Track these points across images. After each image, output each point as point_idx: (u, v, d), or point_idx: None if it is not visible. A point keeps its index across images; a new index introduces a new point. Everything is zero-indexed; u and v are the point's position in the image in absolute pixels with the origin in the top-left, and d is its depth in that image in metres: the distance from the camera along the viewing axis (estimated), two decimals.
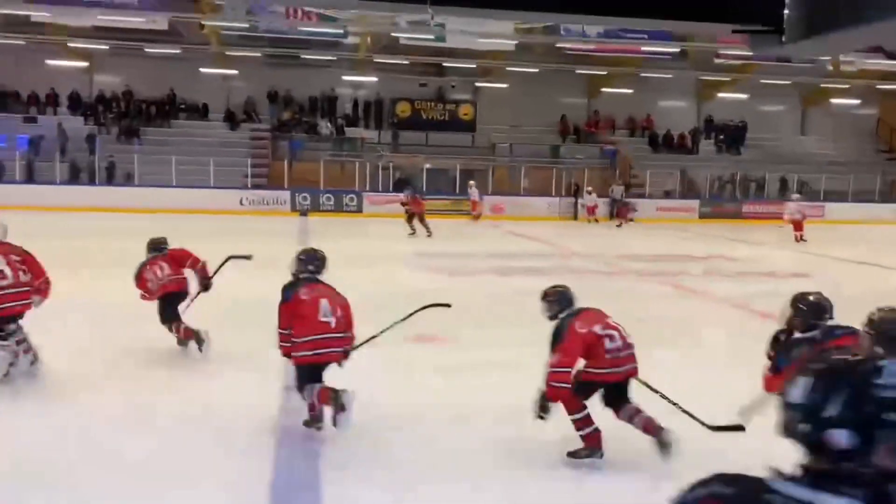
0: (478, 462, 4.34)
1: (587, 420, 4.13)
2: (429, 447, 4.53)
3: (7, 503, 3.77)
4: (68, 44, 25.36)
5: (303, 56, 26.84)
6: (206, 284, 6.46)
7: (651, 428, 4.08)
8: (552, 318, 4.24)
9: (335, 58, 27.13)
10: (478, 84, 29.71)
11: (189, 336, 6.20)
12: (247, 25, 23.66)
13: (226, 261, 6.83)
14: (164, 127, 27.47)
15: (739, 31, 17.65)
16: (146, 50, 25.64)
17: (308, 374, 4.49)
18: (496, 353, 6.53)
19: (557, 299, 4.28)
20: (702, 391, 4.76)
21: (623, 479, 4.11)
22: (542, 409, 4.15)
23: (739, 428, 3.86)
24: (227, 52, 26.54)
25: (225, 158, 25.09)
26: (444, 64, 28.73)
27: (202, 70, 27.12)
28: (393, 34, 24.71)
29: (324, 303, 4.50)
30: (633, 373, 4.19)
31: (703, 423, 4.01)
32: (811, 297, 3.77)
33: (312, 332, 4.44)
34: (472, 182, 24.69)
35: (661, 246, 17.53)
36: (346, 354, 4.60)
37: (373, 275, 10.64)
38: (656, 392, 4.16)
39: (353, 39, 25.32)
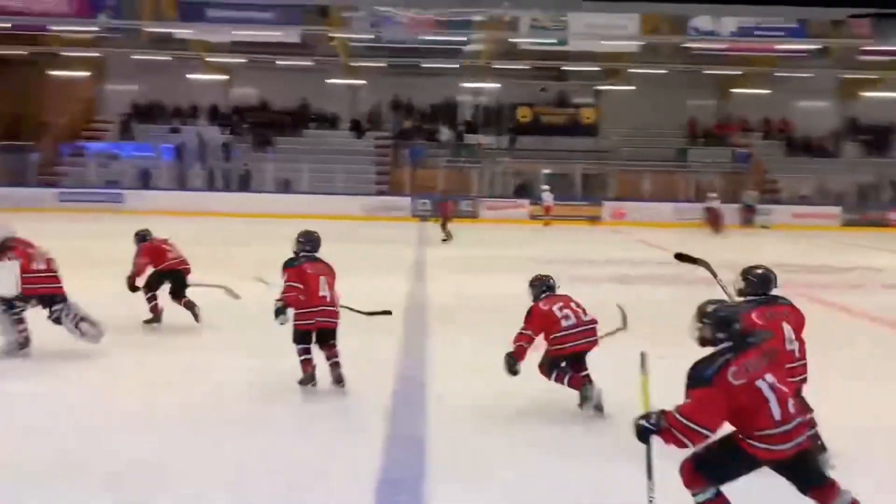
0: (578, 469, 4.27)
1: (562, 375, 5.06)
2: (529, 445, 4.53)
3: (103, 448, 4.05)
4: (208, 59, 27.14)
5: (423, 65, 27.39)
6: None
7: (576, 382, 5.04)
8: (535, 300, 5.22)
9: (456, 65, 27.50)
10: (600, 87, 29.22)
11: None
12: (372, 37, 24.43)
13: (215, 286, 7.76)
14: (296, 136, 28.84)
15: (856, 17, 16.41)
16: (279, 63, 27.01)
17: (301, 337, 5.50)
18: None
19: (538, 285, 5.29)
20: (847, 405, 4.45)
21: None
22: (510, 368, 5.00)
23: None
24: (354, 63, 27.52)
25: (351, 166, 26.04)
26: (565, 68, 28.47)
27: (331, 81, 28.24)
28: (512, 39, 24.74)
29: (322, 280, 5.49)
30: (587, 348, 5.09)
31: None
32: (759, 270, 4.38)
33: (311, 305, 5.42)
34: (545, 186, 24.52)
35: (795, 254, 16.53)
36: (335, 322, 5.56)
37: (490, 281, 10.70)
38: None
39: (473, 46, 25.57)
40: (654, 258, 15.24)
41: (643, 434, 3.22)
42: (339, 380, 5.54)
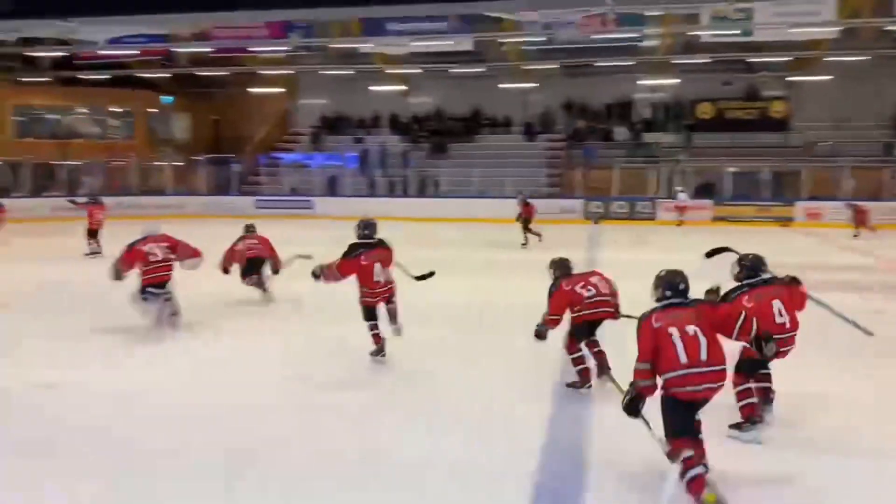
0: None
1: (581, 359, 5.76)
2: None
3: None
4: (388, 70, 28.47)
5: (597, 64, 26.92)
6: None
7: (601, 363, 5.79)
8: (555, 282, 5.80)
9: (633, 62, 26.76)
10: (791, 78, 27.14)
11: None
12: (544, 39, 24.39)
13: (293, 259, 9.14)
14: (469, 142, 29.49)
15: None
16: (452, 70, 27.75)
17: (367, 314, 6.69)
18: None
19: (556, 268, 5.95)
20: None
21: None
22: (539, 335, 5.65)
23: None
24: (526, 67, 27.64)
25: (523, 169, 26.20)
26: (751, 59, 26.73)
27: (502, 86, 28.58)
28: (692, 33, 23.63)
29: (377, 266, 6.52)
30: (605, 316, 5.72)
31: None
32: (750, 256, 5.16)
33: (371, 287, 6.57)
34: (678, 188, 23.41)
35: None
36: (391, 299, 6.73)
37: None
38: None
39: (649, 42, 24.73)
40: (855, 263, 13.95)
41: (630, 408, 3.99)
42: (396, 331, 6.78)
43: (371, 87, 29.30)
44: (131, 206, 24.38)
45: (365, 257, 6.51)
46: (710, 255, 6.20)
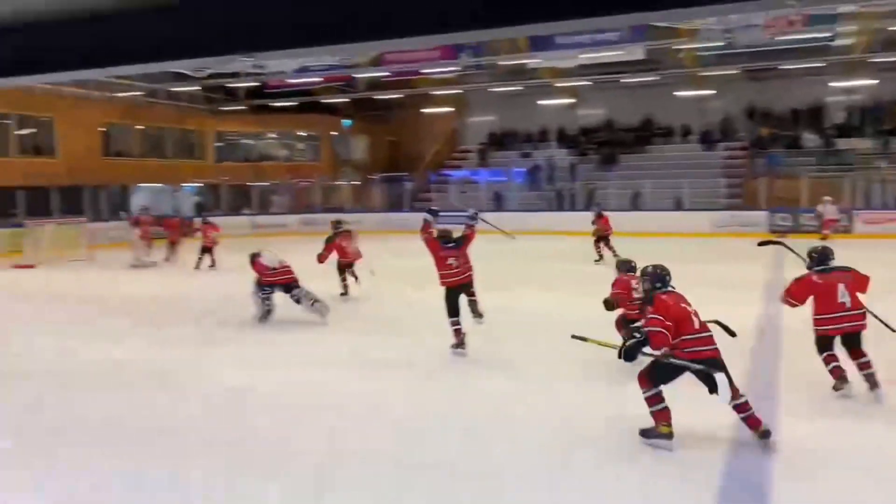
0: None
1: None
2: None
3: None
4: (556, 84, 28.34)
5: (782, 67, 25.12)
6: None
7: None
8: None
9: (823, 63, 24.70)
10: None
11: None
12: (723, 44, 23.17)
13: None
14: (640, 152, 28.61)
15: None
16: (623, 80, 27.09)
17: (449, 299, 7.75)
18: None
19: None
20: None
21: None
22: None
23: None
24: (703, 73, 26.40)
25: (699, 180, 24.97)
26: None
27: (677, 93, 27.48)
28: (893, 28, 21.40)
29: (451, 259, 7.78)
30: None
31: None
32: (819, 247, 6.44)
33: (447, 273, 7.78)
34: (826, 198, 21.05)
35: None
36: (468, 282, 7.90)
37: None
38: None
39: (843, 41, 22.70)
40: None
41: (630, 352, 5.05)
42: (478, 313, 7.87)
43: (539, 102, 29.31)
44: (314, 224, 26.01)
45: (443, 251, 7.81)
46: (762, 244, 7.57)
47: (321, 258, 11.38)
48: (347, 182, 30.96)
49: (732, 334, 5.16)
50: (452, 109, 32.25)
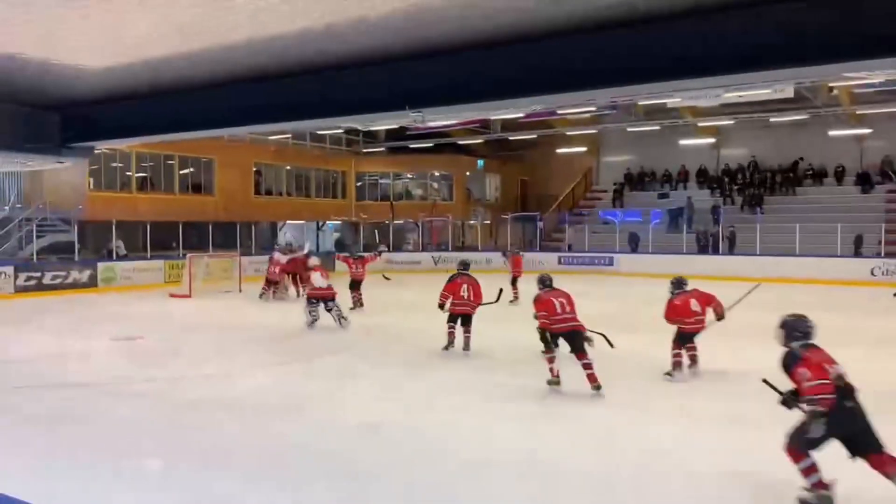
0: None
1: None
2: None
3: None
4: (698, 123, 27.51)
5: None
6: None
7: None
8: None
9: None
10: None
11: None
12: (883, 80, 21.68)
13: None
14: (788, 195, 27.10)
15: None
16: (771, 120, 25.88)
17: (453, 318, 10.15)
18: None
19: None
20: None
21: None
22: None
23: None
24: (860, 111, 24.76)
25: (856, 224, 23.26)
26: None
27: (831, 133, 25.89)
28: None
29: (464, 286, 10.17)
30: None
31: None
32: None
33: (458, 299, 10.20)
34: None
35: None
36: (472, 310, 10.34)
37: None
38: None
39: None
40: None
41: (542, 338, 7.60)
42: (466, 346, 10.07)
43: (679, 141, 28.57)
44: (446, 261, 26.49)
45: (459, 280, 10.23)
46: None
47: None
48: (480, 220, 31.36)
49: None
50: (586, 149, 32.04)
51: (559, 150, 31.59)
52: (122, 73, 3.91)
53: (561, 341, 7.85)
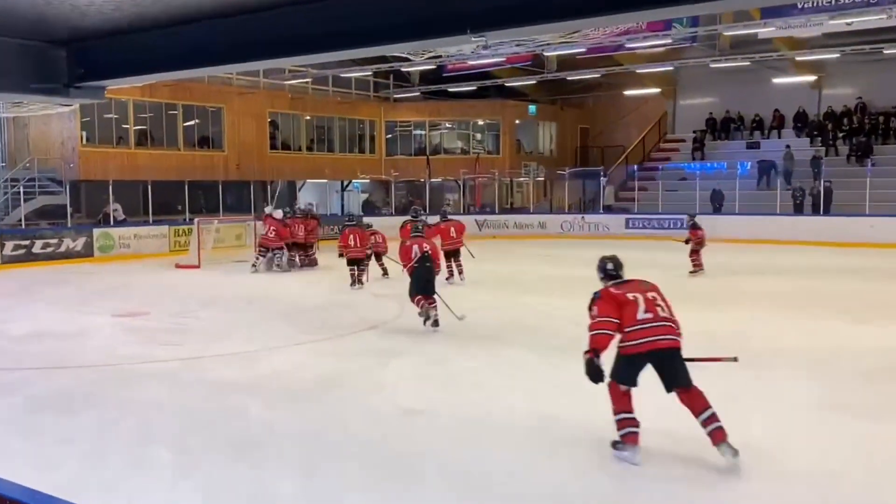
0: None
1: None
2: None
3: None
4: (796, 58, 26.88)
5: None
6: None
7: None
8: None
9: None
10: None
11: None
12: None
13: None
14: None
15: None
16: (885, 52, 25.14)
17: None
18: None
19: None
20: None
21: None
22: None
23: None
24: None
25: None
26: None
27: None
28: None
29: (351, 237, 14.89)
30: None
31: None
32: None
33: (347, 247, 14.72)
34: None
35: None
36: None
37: None
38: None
39: None
40: None
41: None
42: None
43: (773, 80, 28.01)
44: (493, 226, 26.54)
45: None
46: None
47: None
48: (532, 177, 31.29)
49: None
50: (660, 90, 31.58)
51: (627, 92, 31.23)
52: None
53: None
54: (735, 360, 5.73)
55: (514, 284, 15.25)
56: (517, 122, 32.66)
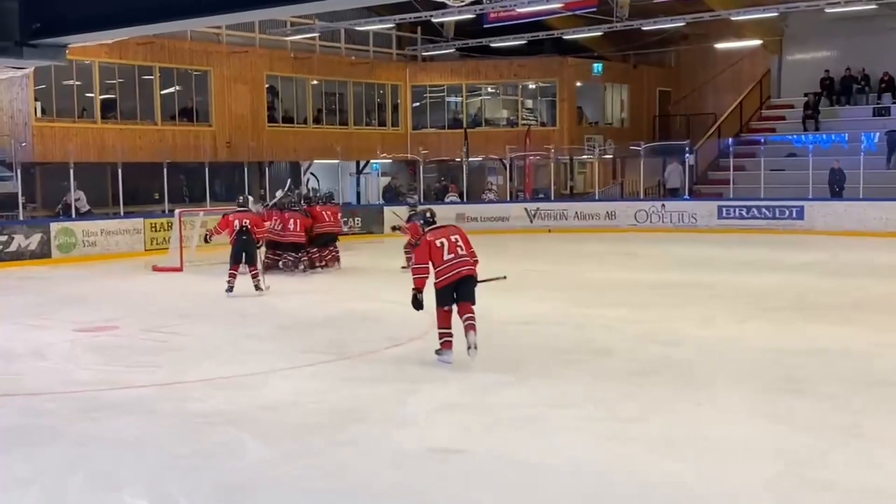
0: None
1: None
2: None
3: None
4: None
5: None
6: None
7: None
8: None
9: None
10: None
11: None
12: None
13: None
14: None
15: None
16: None
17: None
18: None
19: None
20: None
21: None
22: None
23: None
24: None
25: None
26: None
27: None
28: None
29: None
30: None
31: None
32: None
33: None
34: None
35: None
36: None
37: None
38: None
39: None
40: None
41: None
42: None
43: None
44: (547, 216, 26.44)
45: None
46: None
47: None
48: (597, 155, 31.12)
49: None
50: (762, 43, 31.22)
51: (720, 46, 31.01)
52: None
53: None
54: (504, 278, 10.14)
55: (576, 291, 15.17)
56: (578, 84, 32.50)
